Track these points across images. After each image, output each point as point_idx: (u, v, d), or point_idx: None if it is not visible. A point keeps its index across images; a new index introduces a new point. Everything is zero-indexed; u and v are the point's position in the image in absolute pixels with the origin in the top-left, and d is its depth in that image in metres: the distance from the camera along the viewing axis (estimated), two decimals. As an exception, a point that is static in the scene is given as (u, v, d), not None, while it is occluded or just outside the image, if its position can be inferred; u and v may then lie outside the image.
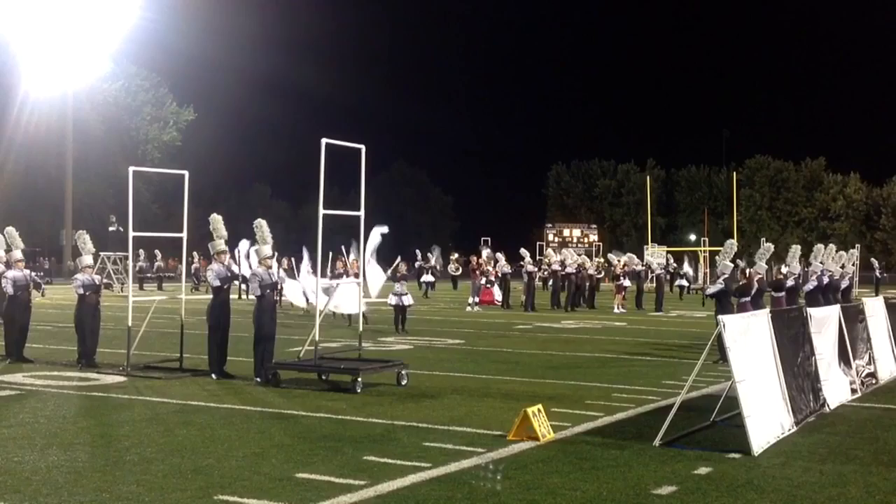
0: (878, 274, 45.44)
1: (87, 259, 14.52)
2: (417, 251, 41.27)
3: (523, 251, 32.25)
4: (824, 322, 11.36)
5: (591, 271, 33.24)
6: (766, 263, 17.73)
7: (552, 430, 8.69)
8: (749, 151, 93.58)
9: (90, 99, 63.55)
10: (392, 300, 20.96)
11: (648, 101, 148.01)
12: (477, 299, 31.20)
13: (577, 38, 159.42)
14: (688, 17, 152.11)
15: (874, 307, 13.89)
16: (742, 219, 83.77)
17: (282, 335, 19.55)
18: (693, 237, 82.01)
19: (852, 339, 12.21)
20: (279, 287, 13.19)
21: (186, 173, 14.23)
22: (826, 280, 18.88)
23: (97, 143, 64.53)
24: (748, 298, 15.53)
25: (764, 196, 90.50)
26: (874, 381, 12.67)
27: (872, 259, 47.88)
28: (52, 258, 59.77)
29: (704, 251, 53.51)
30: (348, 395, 11.22)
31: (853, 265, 22.55)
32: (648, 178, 73.61)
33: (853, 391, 11.70)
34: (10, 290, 14.76)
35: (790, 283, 18.21)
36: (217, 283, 13.29)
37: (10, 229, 15.72)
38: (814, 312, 11.05)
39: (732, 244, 17.00)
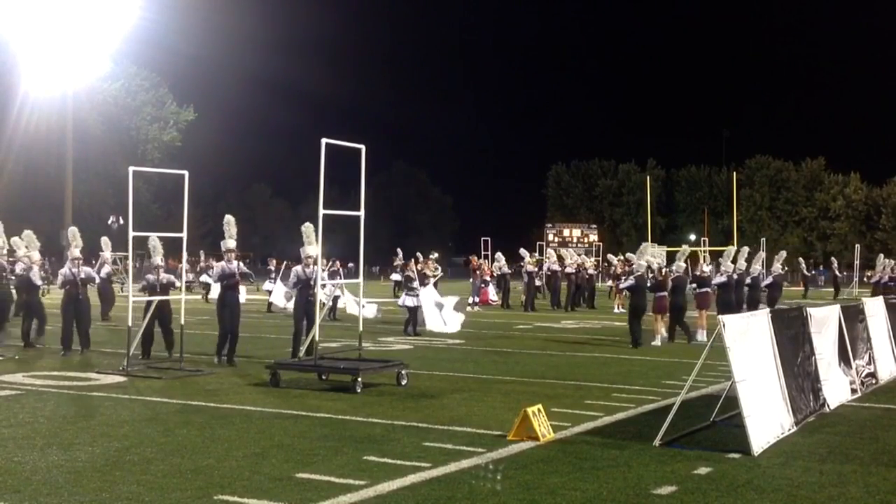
0: (836, 273, 44.00)
1: (157, 260, 14.96)
2: (399, 250, 40.33)
3: (523, 251, 32.25)
4: (824, 322, 11.35)
5: (590, 271, 33.26)
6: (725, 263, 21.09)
7: (552, 430, 8.69)
8: (749, 151, 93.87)
9: (90, 99, 63.54)
10: (407, 301, 20.50)
11: (648, 101, 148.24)
12: (476, 299, 31.20)
13: (577, 39, 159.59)
14: (688, 17, 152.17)
15: (874, 307, 13.88)
16: (742, 219, 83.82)
17: (282, 335, 19.59)
18: (693, 237, 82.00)
19: (852, 339, 12.21)
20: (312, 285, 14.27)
21: (186, 173, 14.22)
22: (735, 277, 21.33)
23: (97, 143, 64.54)
24: (664, 293, 18.74)
25: (764, 196, 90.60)
26: (874, 381, 12.66)
27: (832, 258, 46.97)
28: (53, 258, 59.71)
29: (704, 251, 53.51)
30: (348, 395, 11.21)
31: (780, 265, 25.56)
32: (648, 178, 73.62)
33: (853, 391, 11.70)
34: (58, 283, 16.26)
35: (722, 279, 20.88)
36: (214, 280, 14.18)
37: (73, 229, 16.72)
38: (814, 312, 11.05)
39: (646, 246, 20.26)
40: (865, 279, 33.54)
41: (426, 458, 7.75)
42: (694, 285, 21.03)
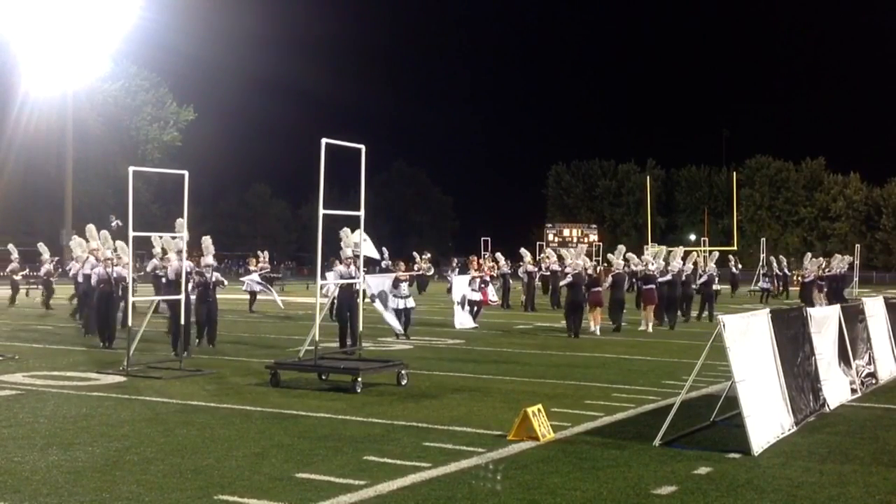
0: (733, 270, 42.47)
1: (209, 259, 16.88)
2: (385, 249, 39.87)
3: (523, 251, 32.18)
4: (824, 322, 11.36)
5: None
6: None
7: (552, 430, 8.69)
8: (749, 151, 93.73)
9: (90, 99, 63.59)
10: (397, 304, 20.07)
11: (648, 101, 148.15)
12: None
13: (577, 39, 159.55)
14: (688, 17, 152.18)
15: (874, 307, 13.88)
16: (742, 219, 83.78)
17: (282, 335, 19.61)
18: (693, 237, 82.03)
19: (852, 339, 12.21)
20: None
21: (186, 173, 14.21)
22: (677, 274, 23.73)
23: (97, 143, 64.56)
24: (598, 288, 21.24)
25: (764, 196, 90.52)
26: (874, 381, 12.66)
27: (730, 255, 45.63)
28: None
29: (704, 251, 53.54)
30: (348, 395, 11.21)
31: (713, 264, 28.30)
32: (648, 178, 73.64)
33: (853, 391, 11.70)
34: (93, 282, 17.57)
35: (668, 277, 23.05)
36: (173, 276, 15.25)
37: (105, 233, 18.67)
38: (814, 312, 11.05)
39: (582, 248, 23.74)
40: (798, 279, 33.03)
41: (426, 458, 7.75)
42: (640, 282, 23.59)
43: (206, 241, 17.31)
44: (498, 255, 33.54)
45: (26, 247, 39.35)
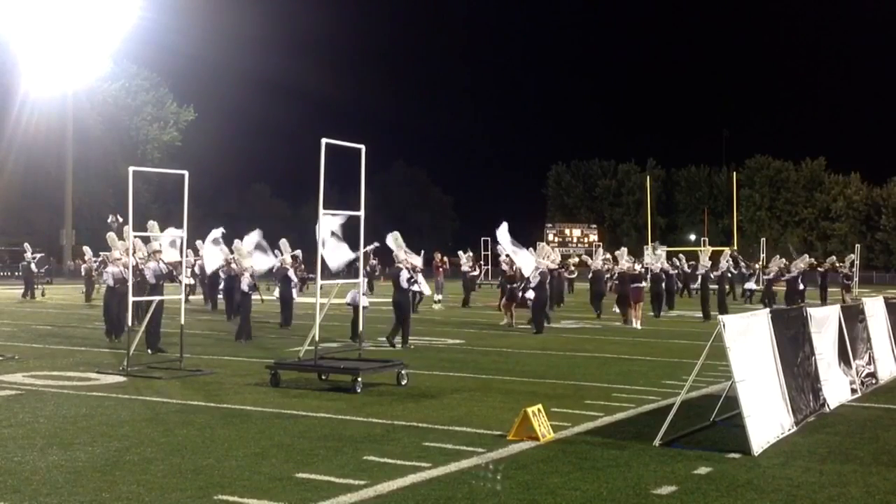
0: (685, 269, 38.79)
1: (247, 262, 18.00)
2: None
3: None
4: (824, 322, 11.36)
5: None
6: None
7: (552, 430, 8.69)
8: (749, 151, 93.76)
9: (90, 99, 63.62)
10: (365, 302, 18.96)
11: (648, 101, 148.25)
12: (440, 297, 31.19)
13: (577, 39, 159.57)
14: (688, 17, 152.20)
15: (874, 307, 13.88)
16: (742, 219, 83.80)
17: (282, 335, 19.60)
18: (693, 237, 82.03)
19: (852, 339, 12.21)
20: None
21: (186, 173, 14.21)
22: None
23: (97, 143, 64.57)
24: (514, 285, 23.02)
25: (764, 196, 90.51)
26: (874, 381, 12.66)
27: (680, 254, 44.06)
28: (52, 258, 59.80)
29: (704, 251, 53.47)
30: (348, 395, 11.21)
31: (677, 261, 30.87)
32: (648, 178, 73.64)
33: (853, 391, 11.70)
34: (110, 282, 17.79)
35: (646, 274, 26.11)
36: (153, 280, 15.48)
37: (111, 235, 18.28)
38: (814, 312, 11.05)
39: (543, 246, 24.37)
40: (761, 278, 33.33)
41: (426, 458, 7.75)
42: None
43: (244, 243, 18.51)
44: (460, 253, 33.72)
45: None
